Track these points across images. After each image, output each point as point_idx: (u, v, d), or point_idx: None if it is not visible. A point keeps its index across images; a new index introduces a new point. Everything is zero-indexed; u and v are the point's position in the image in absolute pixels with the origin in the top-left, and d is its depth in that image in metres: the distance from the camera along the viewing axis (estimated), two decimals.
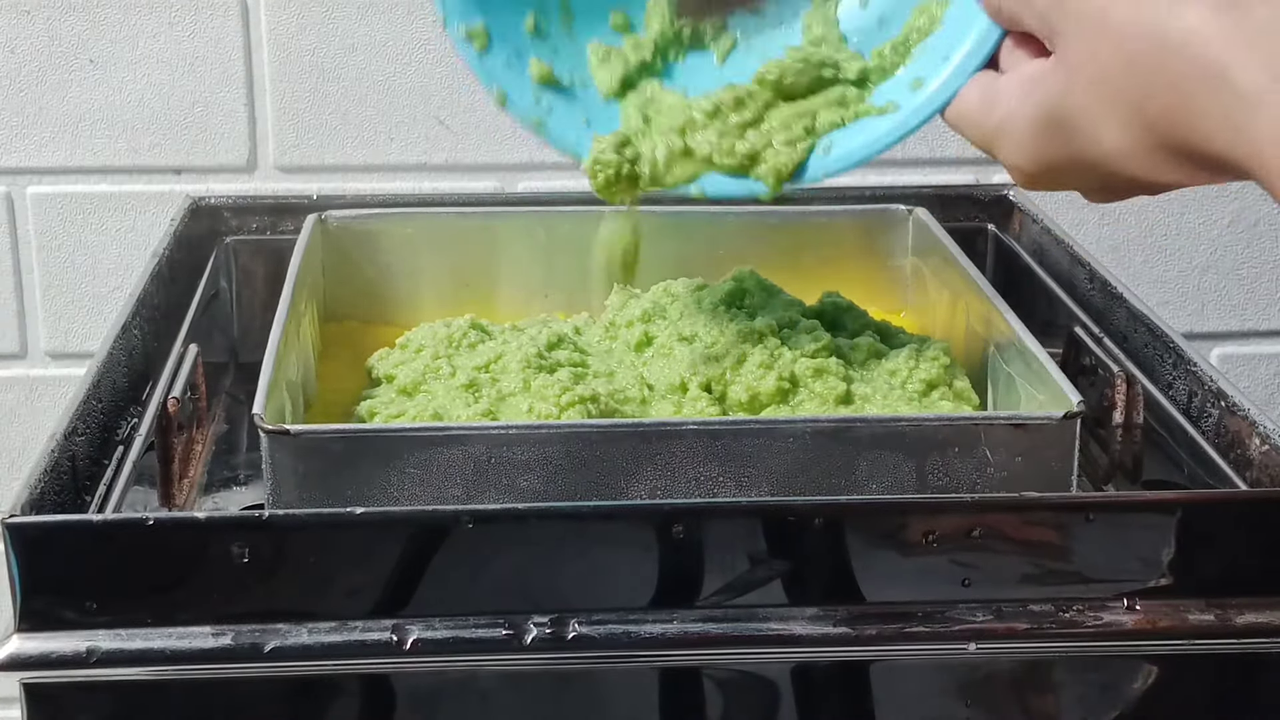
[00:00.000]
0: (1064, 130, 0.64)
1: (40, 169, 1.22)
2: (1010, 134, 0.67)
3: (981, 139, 0.69)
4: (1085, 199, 0.68)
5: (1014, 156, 0.67)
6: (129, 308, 0.90)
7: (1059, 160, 0.65)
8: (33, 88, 1.20)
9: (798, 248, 1.03)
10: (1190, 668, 0.73)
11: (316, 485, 0.74)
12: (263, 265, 1.06)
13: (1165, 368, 0.88)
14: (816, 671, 0.73)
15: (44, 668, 0.68)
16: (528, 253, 1.02)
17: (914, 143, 1.25)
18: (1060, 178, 0.66)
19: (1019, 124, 0.66)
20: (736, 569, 0.70)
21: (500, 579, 0.69)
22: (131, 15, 1.19)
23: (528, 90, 0.79)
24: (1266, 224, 1.29)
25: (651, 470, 0.75)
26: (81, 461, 0.77)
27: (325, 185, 1.22)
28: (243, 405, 0.93)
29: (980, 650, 0.71)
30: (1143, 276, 1.29)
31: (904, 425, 0.77)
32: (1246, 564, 0.72)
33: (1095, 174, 0.64)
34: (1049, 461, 0.77)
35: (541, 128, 0.79)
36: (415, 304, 1.01)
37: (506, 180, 1.24)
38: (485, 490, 0.74)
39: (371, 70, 1.21)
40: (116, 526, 0.70)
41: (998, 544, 0.71)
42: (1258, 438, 0.78)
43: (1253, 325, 1.32)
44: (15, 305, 1.24)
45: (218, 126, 1.22)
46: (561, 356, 0.86)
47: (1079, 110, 0.63)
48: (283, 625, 0.69)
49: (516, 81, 0.79)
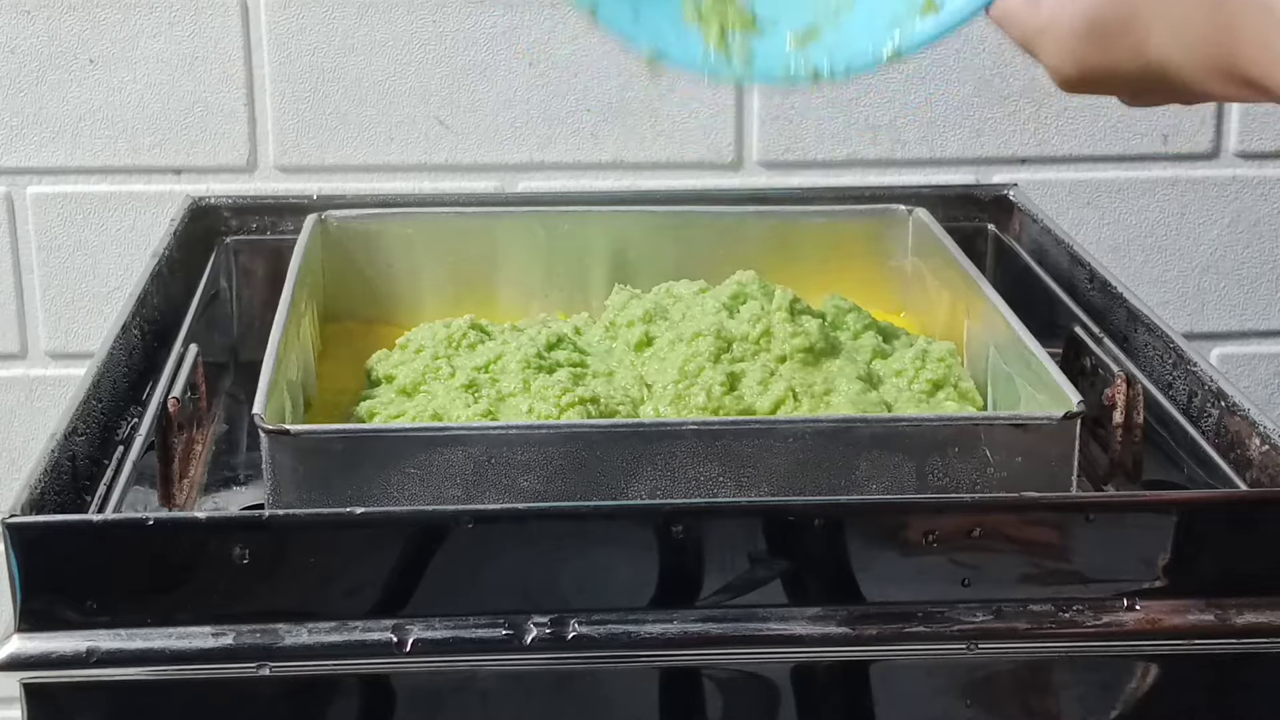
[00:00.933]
0: (1111, 33, 0.64)
1: (40, 169, 1.22)
2: (1055, 35, 0.67)
3: (1024, 38, 0.69)
4: (1121, 102, 0.68)
5: (1056, 58, 0.67)
6: (129, 308, 0.90)
7: (1101, 65, 0.65)
8: (33, 88, 1.20)
9: (798, 248, 1.03)
10: (1190, 668, 0.73)
11: (316, 485, 0.74)
12: (263, 265, 1.06)
13: (1165, 368, 0.88)
14: (816, 671, 0.73)
15: (44, 668, 0.68)
16: (528, 253, 1.02)
17: (914, 142, 1.25)
18: (1100, 83, 0.66)
19: (1064, 25, 0.66)
20: (736, 569, 0.70)
21: (500, 579, 0.69)
22: (131, 15, 1.19)
23: None
24: (1266, 224, 1.29)
25: (651, 470, 0.75)
26: (81, 461, 0.77)
27: (325, 185, 1.22)
28: (243, 405, 0.93)
29: (980, 650, 0.71)
30: (1143, 276, 1.29)
31: (904, 425, 0.77)
32: (1246, 564, 0.72)
33: (1136, 81, 0.64)
34: (1049, 461, 0.77)
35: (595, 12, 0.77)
36: (415, 304, 1.01)
37: (506, 180, 1.24)
38: (485, 490, 0.74)
39: (371, 70, 1.21)
40: (116, 526, 0.70)
41: (998, 544, 0.71)
42: (1258, 438, 0.78)
43: (1253, 325, 1.31)
44: (15, 305, 1.24)
45: (218, 126, 1.22)
46: (561, 357, 0.86)
47: (1131, 14, 0.63)
48: (283, 625, 0.69)
49: None
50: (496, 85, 1.22)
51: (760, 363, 0.84)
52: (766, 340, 0.85)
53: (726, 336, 0.85)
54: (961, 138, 1.25)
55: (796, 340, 0.85)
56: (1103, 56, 0.65)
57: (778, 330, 0.85)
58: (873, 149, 1.25)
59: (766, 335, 0.85)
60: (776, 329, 0.86)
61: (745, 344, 0.85)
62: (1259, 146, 1.27)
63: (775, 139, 1.24)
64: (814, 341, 0.85)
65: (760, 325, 0.86)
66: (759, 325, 0.86)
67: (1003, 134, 1.25)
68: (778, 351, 0.85)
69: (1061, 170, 1.27)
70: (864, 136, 1.25)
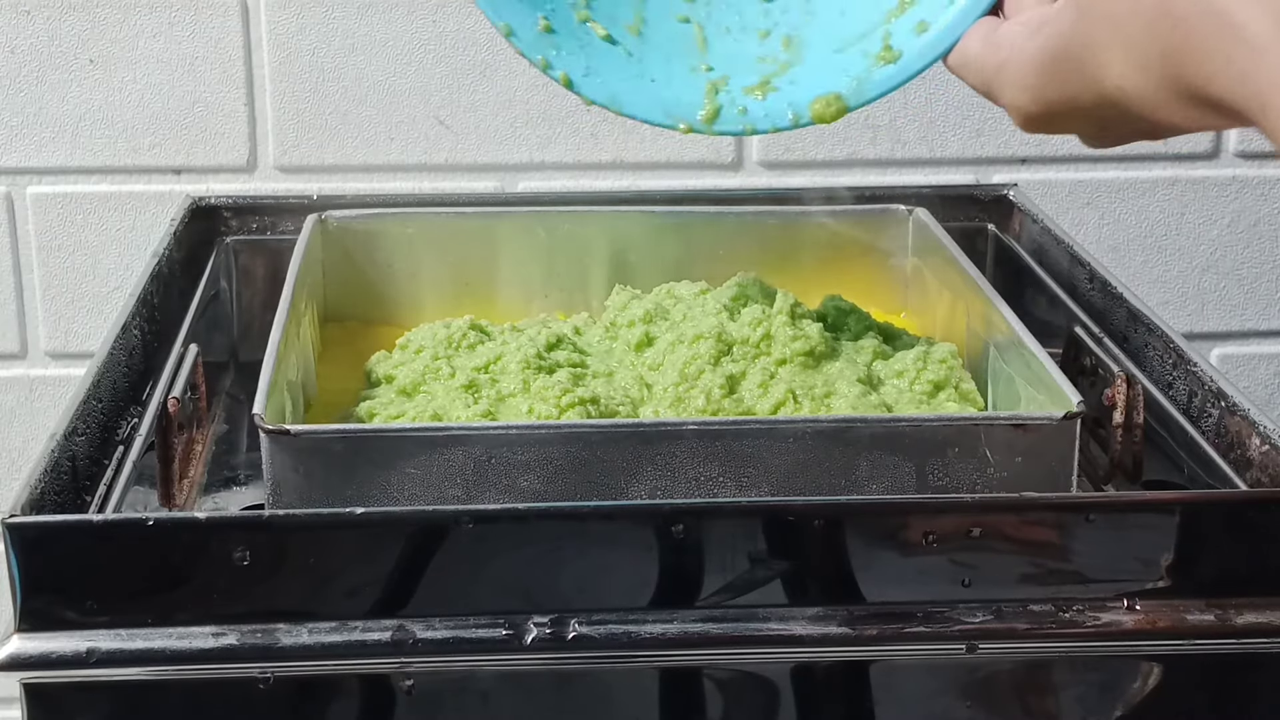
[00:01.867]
0: (1068, 65, 0.63)
1: (40, 169, 1.22)
2: (1013, 72, 0.67)
3: (983, 81, 0.69)
4: (1084, 144, 0.68)
5: (1016, 95, 0.67)
6: (129, 308, 0.90)
7: (1061, 98, 0.65)
8: (33, 88, 1.20)
9: (798, 248, 1.03)
10: (1190, 668, 0.73)
11: (316, 485, 0.74)
12: (263, 265, 1.06)
13: (1165, 368, 0.88)
14: (816, 671, 0.73)
15: (44, 668, 0.68)
16: (528, 253, 1.02)
17: (914, 142, 1.25)
18: (1061, 118, 0.66)
19: (1023, 61, 0.66)
20: (736, 569, 0.70)
21: (500, 579, 0.69)
22: (131, 15, 1.19)
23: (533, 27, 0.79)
24: (1266, 224, 1.29)
25: (651, 470, 0.75)
26: (81, 461, 0.77)
27: (325, 185, 1.22)
28: (243, 405, 0.93)
29: (980, 650, 0.71)
30: (1143, 276, 1.29)
31: (904, 425, 0.77)
32: (1246, 564, 0.72)
33: (1096, 114, 0.64)
34: (1049, 461, 0.77)
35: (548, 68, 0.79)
36: (415, 304, 1.01)
37: (506, 180, 1.24)
38: (485, 490, 0.74)
39: (371, 70, 1.21)
40: (116, 526, 0.70)
41: (998, 544, 0.71)
42: (1258, 438, 0.78)
43: (1253, 325, 1.32)
44: (15, 305, 1.24)
45: (218, 126, 1.22)
46: (561, 357, 0.86)
47: (1085, 44, 0.62)
48: (283, 625, 0.69)
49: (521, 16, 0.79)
50: (496, 85, 1.22)
51: (760, 366, 0.84)
52: (767, 343, 0.85)
53: (727, 339, 0.85)
54: (961, 138, 1.25)
55: (797, 344, 0.85)
56: (1061, 89, 0.64)
57: (778, 334, 0.85)
58: (872, 149, 1.25)
59: (767, 339, 0.85)
60: (777, 332, 0.86)
61: (746, 347, 0.85)
62: (1259, 146, 1.27)
63: (775, 139, 1.24)
64: (815, 345, 0.85)
65: (761, 329, 0.86)
66: (760, 328, 0.86)
67: (1003, 134, 1.25)
68: (778, 355, 0.85)
69: (1061, 170, 1.27)
70: (864, 136, 1.25)
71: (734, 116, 0.79)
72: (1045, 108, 0.66)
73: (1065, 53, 0.64)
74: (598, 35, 0.80)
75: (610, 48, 0.81)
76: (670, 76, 0.81)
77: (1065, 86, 0.64)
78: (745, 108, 0.79)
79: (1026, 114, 0.67)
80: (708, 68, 0.80)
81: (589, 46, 0.81)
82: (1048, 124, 0.67)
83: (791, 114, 0.78)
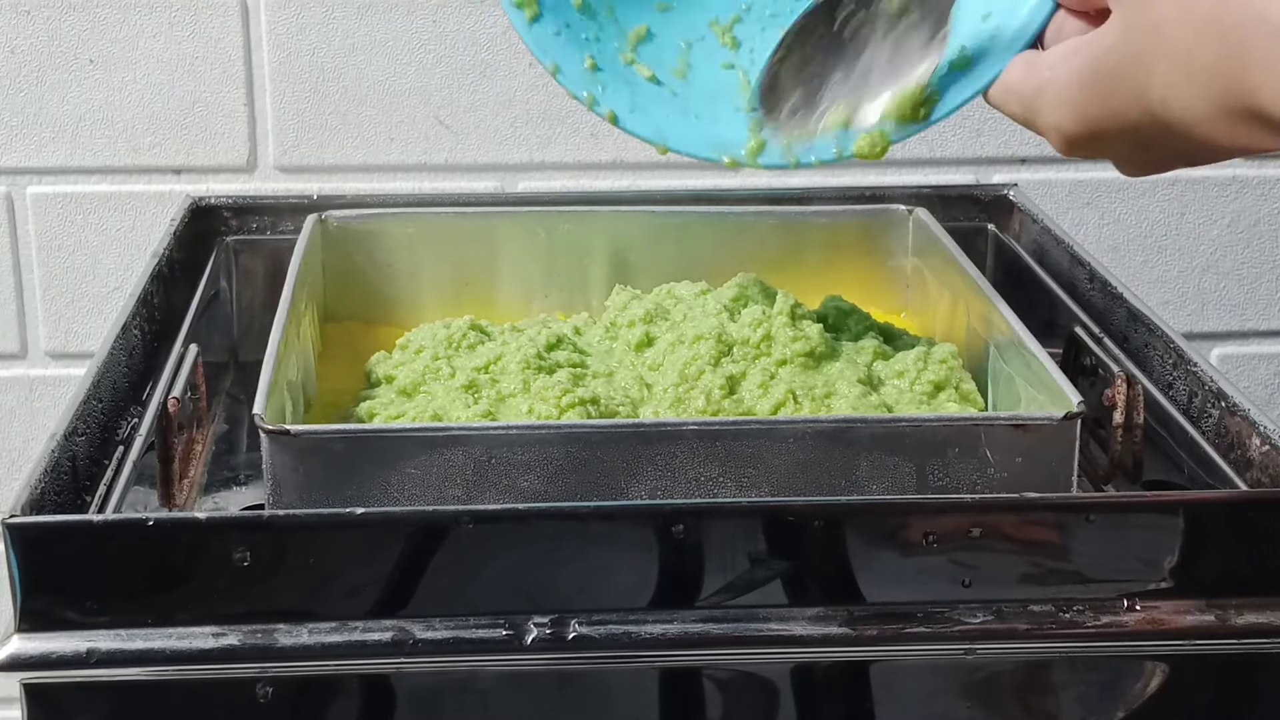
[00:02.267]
0: (1112, 79, 0.62)
1: (40, 169, 1.22)
2: (1055, 91, 0.65)
3: (1023, 105, 0.68)
4: (1119, 170, 0.67)
5: (1056, 113, 0.66)
6: (129, 308, 0.90)
7: (1103, 114, 0.63)
8: (33, 88, 1.20)
9: (798, 248, 1.03)
10: (1190, 668, 0.73)
11: (316, 485, 0.74)
12: (263, 265, 1.06)
13: (1165, 368, 0.88)
14: (816, 672, 0.73)
15: (44, 668, 0.68)
16: (528, 253, 1.02)
17: (914, 142, 1.25)
18: (1101, 137, 0.65)
19: (1064, 79, 0.65)
20: (736, 569, 0.70)
21: (500, 579, 0.69)
22: (131, 15, 1.19)
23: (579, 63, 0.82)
24: (1266, 224, 1.29)
25: (651, 470, 0.75)
26: (81, 461, 0.77)
27: (325, 185, 1.22)
28: (243, 405, 0.93)
29: (980, 651, 0.71)
30: (1143, 276, 1.29)
31: (904, 426, 0.77)
32: (1246, 564, 0.72)
33: (1138, 132, 0.63)
34: (1049, 462, 0.77)
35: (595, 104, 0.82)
36: (415, 304, 1.01)
37: (506, 180, 1.24)
38: (485, 491, 0.74)
39: (371, 70, 1.21)
40: (116, 526, 0.70)
41: (998, 544, 0.71)
42: (1258, 438, 0.78)
43: (1253, 325, 1.32)
44: (15, 305, 1.24)
45: (218, 126, 1.22)
46: (561, 357, 0.86)
47: (1131, 56, 0.61)
48: (283, 626, 0.69)
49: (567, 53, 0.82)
50: (496, 85, 1.22)
51: (760, 366, 0.84)
52: (767, 344, 0.85)
53: (727, 340, 0.85)
54: (961, 138, 1.25)
55: (797, 344, 0.85)
56: (1103, 104, 0.63)
57: (779, 334, 0.85)
58: None
59: (767, 339, 0.85)
60: (777, 333, 0.86)
61: (746, 347, 0.85)
62: None
63: None
64: (815, 346, 0.85)
65: (761, 329, 0.86)
66: (760, 329, 0.86)
67: (1003, 134, 1.25)
68: (778, 355, 0.85)
69: (1061, 170, 1.27)
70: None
71: (779, 150, 0.80)
72: (1086, 125, 0.64)
73: (1109, 66, 0.62)
74: (642, 76, 0.82)
75: (655, 87, 0.83)
76: (716, 115, 0.83)
77: (1108, 101, 0.63)
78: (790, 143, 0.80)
79: (1066, 134, 0.66)
80: (751, 108, 0.81)
81: (634, 85, 0.83)
82: (1088, 144, 0.65)
83: (836, 148, 0.79)
